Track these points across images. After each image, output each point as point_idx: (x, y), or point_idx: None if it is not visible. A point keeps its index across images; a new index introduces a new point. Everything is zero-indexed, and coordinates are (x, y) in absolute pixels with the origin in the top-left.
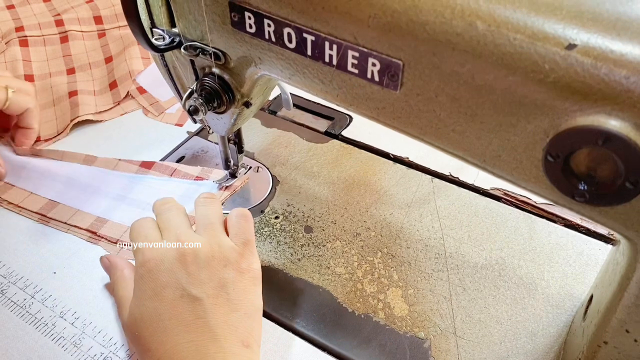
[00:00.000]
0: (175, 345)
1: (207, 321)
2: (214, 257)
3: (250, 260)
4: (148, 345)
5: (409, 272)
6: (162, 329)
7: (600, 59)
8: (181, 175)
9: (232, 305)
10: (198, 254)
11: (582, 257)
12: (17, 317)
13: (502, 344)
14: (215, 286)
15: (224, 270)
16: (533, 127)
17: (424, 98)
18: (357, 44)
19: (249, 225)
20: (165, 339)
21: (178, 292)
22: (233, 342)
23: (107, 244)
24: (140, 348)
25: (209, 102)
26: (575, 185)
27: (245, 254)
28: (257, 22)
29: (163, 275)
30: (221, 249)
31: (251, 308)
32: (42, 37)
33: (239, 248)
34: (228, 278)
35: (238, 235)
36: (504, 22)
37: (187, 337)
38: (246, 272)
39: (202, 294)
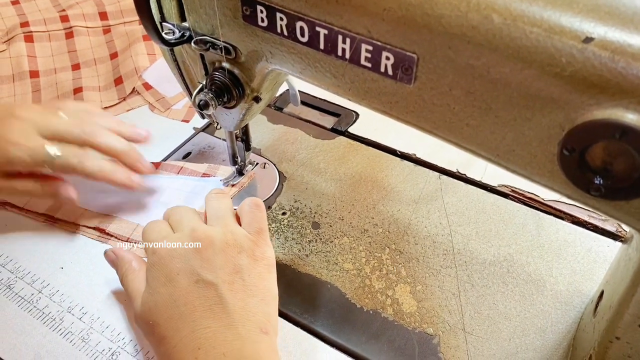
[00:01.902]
0: (192, 331)
1: (224, 307)
2: (228, 244)
3: (263, 249)
4: (164, 332)
5: (417, 268)
6: (178, 315)
7: (618, 52)
8: (188, 173)
9: (248, 291)
10: (212, 241)
11: (591, 254)
12: (25, 312)
13: (511, 340)
14: (230, 272)
15: (239, 257)
16: (548, 121)
17: (438, 92)
18: (371, 38)
19: (261, 215)
20: (181, 325)
21: (193, 277)
22: (251, 328)
23: (117, 242)
24: (156, 337)
25: (219, 97)
26: (590, 180)
27: (259, 242)
28: (269, 15)
29: (176, 262)
30: (235, 236)
31: (267, 294)
32: (47, 33)
33: (253, 236)
34: (243, 264)
35: (251, 224)
36: (520, 15)
37: (204, 322)
38: (260, 259)
39: (217, 279)
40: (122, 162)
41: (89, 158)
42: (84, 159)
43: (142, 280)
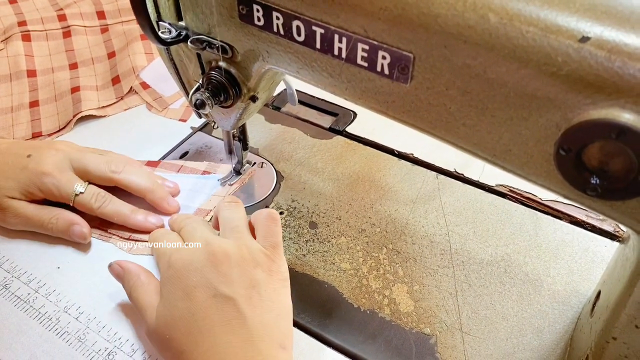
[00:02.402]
0: (212, 346)
1: (243, 322)
2: (244, 258)
3: (279, 263)
4: (182, 347)
5: (414, 268)
6: (197, 330)
7: (614, 51)
8: (188, 171)
9: (265, 306)
10: (228, 254)
11: (588, 254)
12: (21, 311)
13: (509, 340)
14: (247, 286)
15: (255, 271)
16: (545, 120)
17: (435, 92)
18: (367, 37)
19: (277, 229)
20: (200, 339)
21: (210, 291)
22: (270, 344)
23: (119, 241)
24: (173, 351)
25: (216, 96)
26: (587, 180)
27: (274, 256)
28: (266, 14)
29: (193, 276)
30: (250, 250)
31: (283, 309)
32: (45, 32)
33: (268, 251)
34: (259, 279)
35: (266, 237)
36: (516, 14)
37: (224, 338)
38: (275, 274)
39: (235, 293)
40: (148, 200)
41: (109, 203)
42: (105, 203)
43: (153, 294)
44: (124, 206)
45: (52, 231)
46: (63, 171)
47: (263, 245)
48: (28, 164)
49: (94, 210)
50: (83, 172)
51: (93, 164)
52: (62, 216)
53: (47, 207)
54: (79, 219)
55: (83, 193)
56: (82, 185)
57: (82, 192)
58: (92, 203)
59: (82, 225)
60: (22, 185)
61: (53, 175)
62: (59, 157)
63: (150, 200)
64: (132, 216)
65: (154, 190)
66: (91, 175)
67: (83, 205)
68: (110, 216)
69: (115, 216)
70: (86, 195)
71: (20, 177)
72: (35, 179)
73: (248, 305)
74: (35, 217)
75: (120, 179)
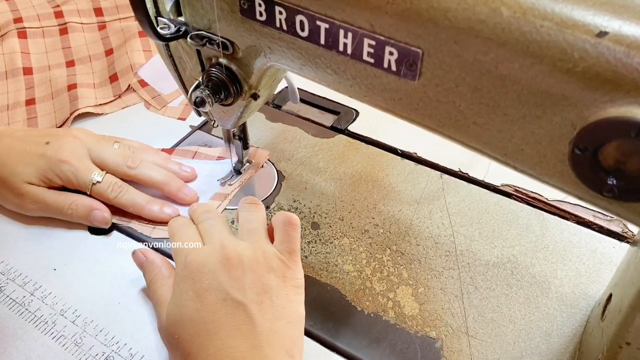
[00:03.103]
0: (218, 349)
1: (252, 327)
2: (258, 262)
3: (294, 270)
4: (189, 348)
5: (419, 270)
6: (205, 333)
7: (634, 47)
8: (203, 157)
9: (276, 313)
10: (242, 259)
11: (596, 255)
12: (16, 315)
13: (516, 344)
14: (259, 292)
15: (268, 276)
16: (559, 119)
17: (444, 88)
18: (374, 32)
19: (296, 235)
20: (208, 342)
21: (221, 295)
22: (278, 350)
23: (139, 225)
24: (180, 351)
25: (216, 94)
26: (603, 180)
27: (290, 263)
28: (268, 9)
29: (206, 278)
30: (265, 255)
31: (295, 316)
32: (41, 29)
33: (284, 256)
34: (272, 284)
35: (283, 242)
36: (530, 8)
37: (231, 342)
38: (289, 280)
39: (245, 299)
40: (165, 193)
41: (125, 193)
42: (122, 193)
43: (170, 289)
44: (140, 197)
45: (71, 217)
46: (81, 159)
47: (279, 250)
48: (46, 151)
49: (110, 200)
50: (100, 163)
51: (111, 158)
52: (81, 202)
53: (65, 193)
54: (98, 204)
55: (100, 182)
56: (100, 174)
57: (100, 181)
58: (108, 192)
59: (103, 210)
60: (41, 171)
61: (71, 163)
62: (77, 145)
63: (167, 193)
64: (147, 207)
65: (169, 183)
66: (108, 168)
67: (100, 195)
68: (126, 206)
69: (131, 206)
70: (103, 185)
71: (38, 163)
72: (54, 166)
73: (258, 311)
74: (54, 203)
75: (136, 174)
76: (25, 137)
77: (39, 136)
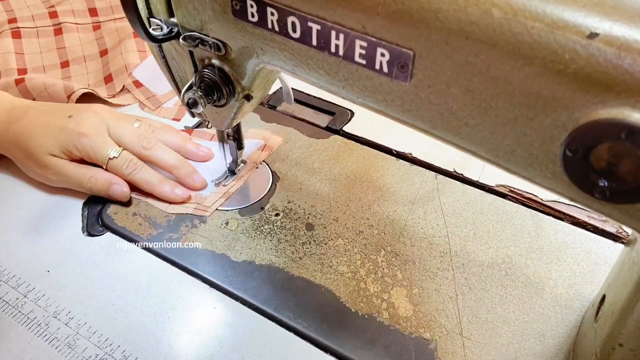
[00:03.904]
0: None
1: None
2: None
3: None
4: None
5: (413, 271)
6: None
7: (624, 48)
8: None
9: None
10: None
11: (591, 256)
12: (9, 317)
13: (510, 345)
14: None
15: None
16: (551, 120)
17: (435, 90)
18: (366, 33)
19: None
20: None
21: None
22: None
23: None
24: None
25: (209, 95)
26: (594, 182)
27: None
28: (260, 10)
29: None
30: None
31: None
32: (36, 29)
33: None
34: None
35: None
36: (521, 9)
37: None
38: None
39: None
40: (175, 176)
41: (139, 171)
42: (136, 171)
43: None
44: (153, 176)
45: (90, 190)
46: (100, 134)
47: None
48: (68, 124)
49: (125, 176)
50: (118, 141)
51: (127, 137)
52: (100, 176)
53: (86, 166)
54: (118, 179)
55: (117, 157)
56: (117, 150)
57: (116, 156)
58: (123, 169)
59: (122, 184)
60: (62, 143)
61: (90, 136)
62: (97, 120)
63: (176, 177)
64: (159, 186)
65: (180, 167)
66: (124, 146)
67: (115, 170)
68: (140, 184)
69: (145, 184)
70: (119, 161)
71: (60, 136)
72: (74, 139)
73: None
74: (74, 175)
75: (149, 155)
76: (49, 111)
77: (62, 110)
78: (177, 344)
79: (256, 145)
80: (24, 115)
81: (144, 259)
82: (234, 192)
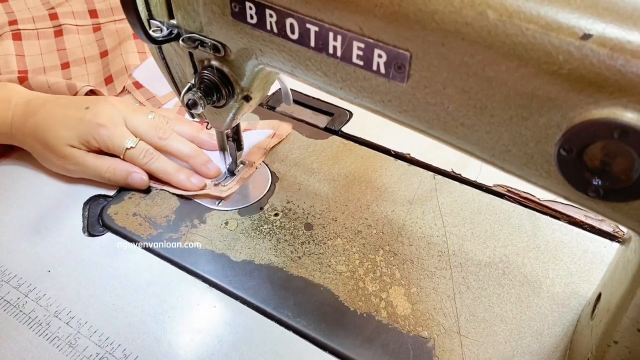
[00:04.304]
0: None
1: None
2: None
3: None
4: None
5: (411, 270)
6: None
7: (617, 49)
8: None
9: None
10: None
11: (587, 255)
12: (11, 316)
13: (507, 344)
14: None
15: None
16: (545, 120)
17: (432, 90)
18: (363, 35)
19: None
20: None
21: None
22: None
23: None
24: None
25: (208, 96)
26: (588, 181)
27: None
28: (259, 12)
29: None
30: None
31: None
32: (36, 31)
33: None
34: None
35: None
36: (515, 11)
37: None
38: None
39: None
40: (190, 165)
41: (156, 160)
42: (152, 160)
43: None
44: (169, 165)
45: (109, 180)
46: (117, 125)
47: None
48: (85, 115)
49: (142, 165)
50: (134, 131)
51: (143, 127)
52: (119, 166)
53: (104, 156)
54: (136, 168)
55: (134, 147)
56: (134, 140)
57: (133, 147)
58: (140, 158)
59: (140, 172)
60: (80, 134)
61: (108, 127)
62: (114, 112)
63: (192, 165)
64: (175, 175)
65: (195, 156)
66: (141, 136)
67: (132, 160)
68: (156, 173)
69: (161, 173)
70: (136, 150)
71: (78, 127)
72: (92, 130)
73: None
74: (93, 165)
75: (164, 145)
76: (67, 103)
77: (79, 102)
78: (177, 343)
79: (266, 134)
80: (41, 108)
81: (144, 258)
82: (230, 199)
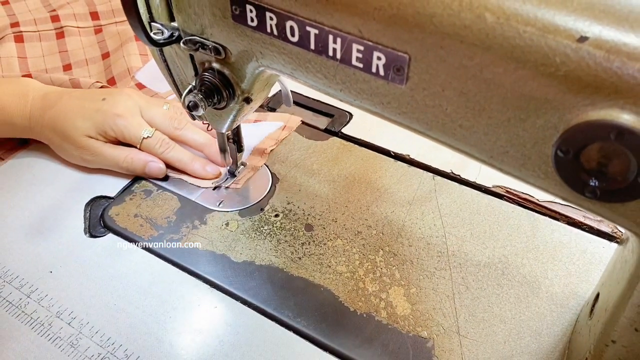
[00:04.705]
0: None
1: None
2: None
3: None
4: None
5: (411, 271)
6: None
7: (613, 51)
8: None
9: None
10: None
11: (586, 255)
12: (13, 317)
13: (506, 344)
14: None
15: None
16: (543, 121)
17: (431, 92)
18: (362, 37)
19: None
20: None
21: None
22: None
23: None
24: None
25: (209, 98)
26: (585, 182)
27: None
28: (259, 15)
29: None
30: None
31: None
32: (38, 33)
33: None
34: None
35: None
36: (513, 14)
37: None
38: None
39: None
40: (205, 154)
41: (172, 150)
42: (168, 150)
43: None
44: (185, 154)
45: (127, 169)
46: (134, 115)
47: None
48: (103, 106)
49: (158, 154)
50: (150, 122)
51: (159, 118)
52: (136, 156)
53: (120, 147)
54: (153, 157)
55: (150, 137)
56: (150, 130)
57: (149, 136)
58: (156, 148)
59: (157, 161)
60: (98, 125)
61: (125, 117)
62: (131, 102)
63: (206, 154)
64: (191, 164)
65: (210, 145)
66: (156, 127)
67: (149, 149)
68: (172, 162)
69: (177, 162)
70: (152, 140)
71: (95, 117)
72: (110, 120)
73: None
74: (110, 155)
75: (180, 135)
76: (83, 96)
77: (95, 94)
78: (178, 343)
79: (277, 126)
80: (58, 100)
81: (145, 259)
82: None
